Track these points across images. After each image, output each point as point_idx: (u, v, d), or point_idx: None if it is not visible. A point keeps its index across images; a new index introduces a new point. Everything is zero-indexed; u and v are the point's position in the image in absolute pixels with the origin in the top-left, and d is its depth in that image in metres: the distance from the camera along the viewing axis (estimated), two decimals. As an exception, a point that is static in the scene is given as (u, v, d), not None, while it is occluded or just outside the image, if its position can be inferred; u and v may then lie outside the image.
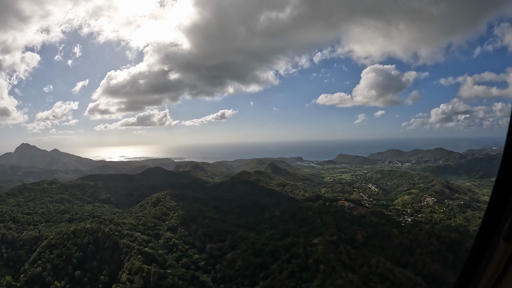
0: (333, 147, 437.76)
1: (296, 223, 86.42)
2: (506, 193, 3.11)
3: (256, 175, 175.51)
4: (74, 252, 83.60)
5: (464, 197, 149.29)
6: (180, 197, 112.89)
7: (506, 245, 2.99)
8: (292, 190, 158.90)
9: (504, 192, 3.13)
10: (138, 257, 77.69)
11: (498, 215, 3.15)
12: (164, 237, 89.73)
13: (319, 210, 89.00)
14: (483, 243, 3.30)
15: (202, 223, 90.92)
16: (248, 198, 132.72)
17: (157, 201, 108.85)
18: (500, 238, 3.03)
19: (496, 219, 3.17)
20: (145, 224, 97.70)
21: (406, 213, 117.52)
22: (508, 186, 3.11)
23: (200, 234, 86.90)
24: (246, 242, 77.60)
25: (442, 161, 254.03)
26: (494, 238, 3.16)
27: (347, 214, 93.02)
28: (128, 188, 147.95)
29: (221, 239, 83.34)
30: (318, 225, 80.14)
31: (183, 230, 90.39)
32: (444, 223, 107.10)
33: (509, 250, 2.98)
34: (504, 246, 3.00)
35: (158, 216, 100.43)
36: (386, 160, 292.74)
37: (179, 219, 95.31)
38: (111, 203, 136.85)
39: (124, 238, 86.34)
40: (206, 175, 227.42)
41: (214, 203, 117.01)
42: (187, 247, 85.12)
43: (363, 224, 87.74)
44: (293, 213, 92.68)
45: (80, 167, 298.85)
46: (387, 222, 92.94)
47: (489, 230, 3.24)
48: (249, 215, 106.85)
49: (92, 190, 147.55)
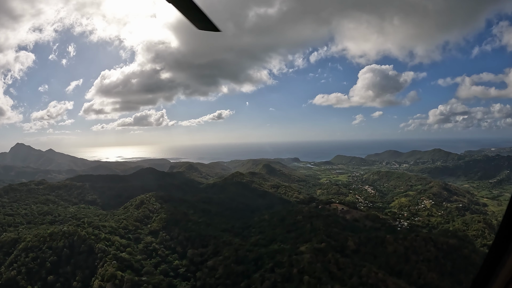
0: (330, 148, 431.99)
1: (284, 228, 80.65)
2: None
3: (249, 176, 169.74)
4: (49, 256, 79.81)
5: (463, 199, 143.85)
6: (166, 199, 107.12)
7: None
8: (286, 192, 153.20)
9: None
10: (112, 263, 72.76)
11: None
12: (144, 241, 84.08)
13: (310, 214, 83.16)
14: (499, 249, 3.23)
15: (185, 227, 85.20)
16: (239, 200, 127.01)
17: (141, 203, 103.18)
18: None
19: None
20: (126, 227, 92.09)
21: (403, 216, 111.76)
22: None
23: (182, 238, 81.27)
24: (229, 248, 71.89)
25: (440, 162, 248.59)
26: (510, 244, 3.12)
27: (340, 218, 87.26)
28: (116, 189, 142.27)
29: (204, 244, 77.69)
30: (307, 230, 74.40)
31: (165, 234, 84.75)
32: (442, 227, 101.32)
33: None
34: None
35: (140, 219, 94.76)
36: (383, 161, 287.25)
37: (161, 222, 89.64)
38: (97, 205, 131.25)
39: (101, 242, 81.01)
40: (200, 176, 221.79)
41: (202, 206, 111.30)
42: (167, 252, 79.61)
43: (356, 229, 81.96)
44: (283, 217, 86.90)
45: (74, 167, 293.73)
46: (382, 227, 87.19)
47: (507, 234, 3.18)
48: (238, 218, 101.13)
49: (79, 191, 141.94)
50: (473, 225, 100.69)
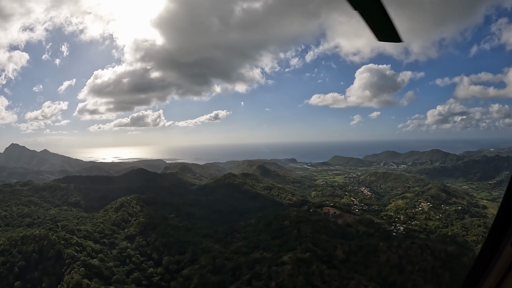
0: (328, 149, 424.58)
1: (270, 234, 73.90)
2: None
3: (242, 177, 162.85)
4: (18, 260, 74.25)
5: (462, 201, 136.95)
6: (148, 201, 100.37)
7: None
8: (279, 193, 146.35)
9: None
10: (80, 269, 66.86)
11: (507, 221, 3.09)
12: (119, 247, 77.65)
13: (298, 219, 76.35)
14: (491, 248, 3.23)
15: (163, 232, 78.53)
16: (228, 203, 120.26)
17: (121, 206, 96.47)
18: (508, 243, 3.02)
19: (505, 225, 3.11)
20: (102, 231, 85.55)
21: (399, 220, 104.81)
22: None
23: (159, 244, 74.68)
24: (207, 256, 65.16)
25: (438, 163, 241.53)
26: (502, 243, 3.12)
27: (331, 223, 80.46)
28: (101, 191, 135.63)
29: (182, 251, 71.21)
30: (293, 237, 67.70)
31: (141, 240, 78.23)
32: (440, 231, 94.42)
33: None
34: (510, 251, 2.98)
35: (118, 222, 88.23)
36: (381, 162, 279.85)
37: (139, 226, 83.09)
38: (80, 207, 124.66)
39: (71, 247, 74.64)
40: (194, 177, 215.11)
41: (188, 209, 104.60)
42: (142, 259, 73.17)
43: (348, 235, 75.17)
44: (269, 221, 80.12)
45: (68, 168, 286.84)
46: (376, 232, 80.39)
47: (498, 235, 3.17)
48: (224, 222, 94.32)
49: (63, 193, 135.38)
50: (473, 230, 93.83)
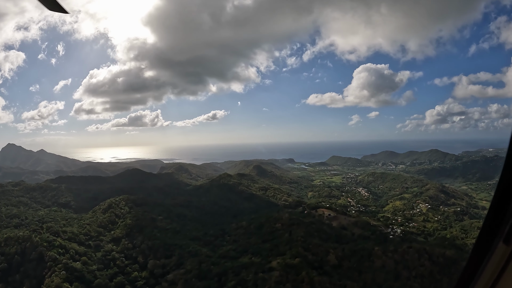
0: (326, 149, 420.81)
1: (261, 237, 70.42)
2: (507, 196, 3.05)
3: (237, 178, 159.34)
4: (0, 262, 71.32)
5: (461, 202, 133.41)
6: (137, 202, 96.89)
7: (505, 248, 2.99)
8: (274, 194, 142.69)
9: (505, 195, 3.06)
10: (61, 273, 63.50)
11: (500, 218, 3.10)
12: (104, 249, 74.27)
13: (290, 221, 72.88)
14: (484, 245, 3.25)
15: (150, 234, 75.09)
16: (221, 204, 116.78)
17: (109, 207, 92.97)
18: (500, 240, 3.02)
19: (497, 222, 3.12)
20: (88, 233, 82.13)
21: (396, 222, 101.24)
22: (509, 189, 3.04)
23: (145, 247, 71.22)
24: (193, 260, 61.69)
25: (437, 163, 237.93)
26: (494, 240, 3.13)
27: (325, 225, 76.95)
28: (93, 191, 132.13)
29: (168, 255, 67.73)
30: (284, 241, 64.22)
31: (127, 242, 74.84)
32: (439, 234, 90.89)
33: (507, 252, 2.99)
34: (503, 249, 3.00)
35: (105, 224, 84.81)
36: (379, 162, 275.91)
37: (125, 228, 79.61)
38: (70, 208, 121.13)
39: (54, 249, 71.37)
40: (189, 177, 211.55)
41: (179, 210, 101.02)
42: (127, 262, 69.88)
43: (342, 238, 71.66)
44: (261, 224, 76.62)
45: (64, 168, 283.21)
46: (372, 235, 76.93)
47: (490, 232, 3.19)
48: (215, 224, 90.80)
49: (53, 193, 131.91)
50: (472, 232, 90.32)
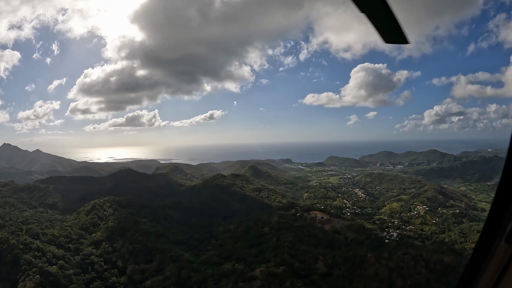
0: (325, 149, 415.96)
1: (247, 241, 66.08)
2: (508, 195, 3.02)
3: (231, 178, 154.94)
4: None
5: (460, 204, 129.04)
6: (123, 204, 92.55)
7: (507, 246, 2.94)
8: (268, 195, 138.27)
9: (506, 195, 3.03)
10: (36, 277, 59.38)
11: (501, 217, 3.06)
12: (84, 253, 69.91)
13: (279, 225, 68.54)
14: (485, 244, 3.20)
15: (132, 237, 70.76)
16: (212, 205, 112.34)
17: (92, 208, 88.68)
18: (502, 239, 2.98)
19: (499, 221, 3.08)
20: (69, 235, 77.83)
21: (393, 225, 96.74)
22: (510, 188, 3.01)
23: (125, 251, 66.86)
24: (174, 265, 57.35)
25: (435, 163, 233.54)
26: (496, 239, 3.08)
27: (317, 229, 72.57)
28: (81, 192, 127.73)
29: (148, 259, 63.36)
30: (271, 246, 59.91)
31: (108, 246, 70.55)
32: (437, 238, 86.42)
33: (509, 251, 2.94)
34: (505, 248, 2.95)
35: (86, 226, 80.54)
36: (377, 162, 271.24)
37: (106, 231, 75.24)
38: (56, 209, 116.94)
39: (30, 252, 67.05)
40: (184, 178, 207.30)
41: (166, 212, 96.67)
42: (106, 267, 65.69)
43: (334, 243, 67.27)
44: (249, 227, 72.26)
45: (59, 168, 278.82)
46: (367, 240, 72.54)
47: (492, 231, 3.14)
48: (203, 227, 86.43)
49: (41, 194, 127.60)
50: (471, 236, 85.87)
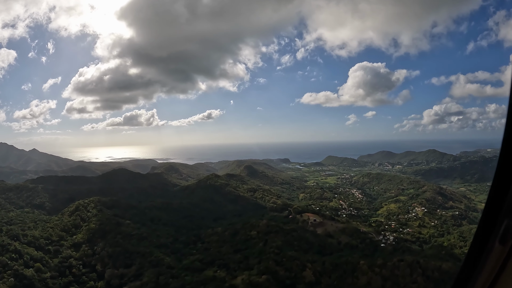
0: (323, 149, 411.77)
1: (233, 246, 62.06)
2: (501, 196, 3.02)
3: (226, 178, 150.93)
4: None
5: (459, 205, 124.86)
6: (109, 205, 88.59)
7: (501, 248, 2.95)
8: (263, 196, 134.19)
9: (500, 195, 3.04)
10: (10, 280, 55.85)
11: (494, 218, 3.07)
12: (62, 255, 66.08)
13: (268, 229, 64.44)
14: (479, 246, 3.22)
15: (112, 240, 66.83)
16: (204, 206, 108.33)
17: (76, 209, 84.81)
18: (496, 240, 2.98)
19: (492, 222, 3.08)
20: (50, 237, 73.98)
21: (390, 228, 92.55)
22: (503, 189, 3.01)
23: (105, 254, 62.83)
24: (153, 271, 53.39)
25: (435, 163, 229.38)
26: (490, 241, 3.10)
27: (308, 233, 68.48)
28: (70, 192, 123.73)
29: (128, 264, 59.35)
30: (257, 251, 55.89)
31: (88, 248, 66.59)
32: (435, 241, 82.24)
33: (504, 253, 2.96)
34: (499, 249, 2.96)
35: (68, 228, 76.64)
36: (376, 162, 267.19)
37: (88, 233, 71.33)
38: (43, 209, 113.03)
39: (7, 254, 63.28)
40: (180, 178, 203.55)
41: (154, 213, 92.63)
42: (84, 270, 62.10)
43: (326, 248, 63.16)
44: (236, 231, 68.18)
45: (55, 168, 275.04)
46: (361, 244, 68.38)
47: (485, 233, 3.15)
48: (191, 229, 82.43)
49: (29, 194, 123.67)
50: (471, 240, 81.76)
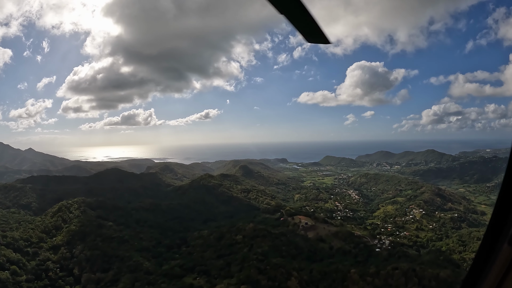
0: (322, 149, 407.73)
1: (217, 251, 58.15)
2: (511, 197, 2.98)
3: (220, 178, 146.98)
4: None
5: (458, 207, 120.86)
6: (93, 205, 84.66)
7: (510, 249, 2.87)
8: (256, 197, 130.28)
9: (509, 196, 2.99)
10: None
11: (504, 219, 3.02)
12: (40, 258, 62.33)
13: (254, 233, 60.50)
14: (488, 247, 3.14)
15: (92, 243, 62.94)
16: (194, 208, 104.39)
17: (58, 210, 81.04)
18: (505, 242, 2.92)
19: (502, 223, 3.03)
20: (29, 239, 70.24)
21: (386, 231, 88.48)
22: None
23: (83, 257, 59.00)
24: (129, 276, 49.65)
25: (433, 163, 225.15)
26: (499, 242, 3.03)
27: (298, 237, 64.56)
28: (58, 192, 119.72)
29: (106, 268, 55.51)
30: (240, 257, 51.99)
31: (66, 251, 62.87)
32: (433, 246, 78.20)
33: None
34: (508, 250, 2.88)
35: (49, 229, 72.85)
36: (374, 162, 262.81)
37: (68, 235, 67.54)
38: (30, 209, 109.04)
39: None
40: (174, 178, 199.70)
41: (141, 214, 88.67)
42: (61, 274, 58.61)
43: (316, 253, 59.19)
44: (222, 234, 64.25)
45: (50, 167, 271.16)
46: (354, 249, 64.42)
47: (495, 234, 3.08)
48: (179, 232, 78.50)
49: (16, 194, 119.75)
50: (471, 244, 77.67)
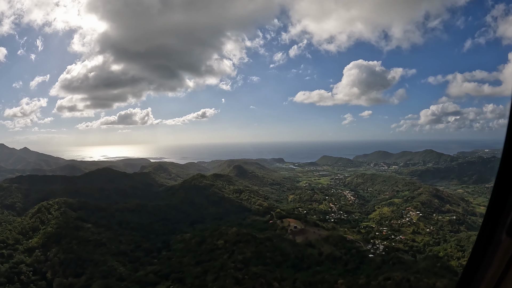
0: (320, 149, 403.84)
1: (197, 256, 53.94)
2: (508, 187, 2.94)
3: (212, 179, 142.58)
4: None
5: (457, 209, 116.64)
6: (75, 206, 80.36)
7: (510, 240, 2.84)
8: (249, 198, 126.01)
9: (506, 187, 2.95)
10: None
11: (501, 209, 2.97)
12: (14, 260, 58.33)
13: (237, 238, 56.16)
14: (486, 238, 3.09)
15: (67, 245, 58.83)
16: (182, 209, 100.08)
17: (37, 211, 76.91)
18: (503, 232, 2.88)
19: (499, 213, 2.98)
20: (5, 240, 66.34)
21: (381, 234, 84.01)
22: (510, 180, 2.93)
23: (57, 261, 54.84)
24: (102, 282, 45.48)
25: (431, 163, 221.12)
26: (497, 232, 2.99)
27: (286, 242, 60.19)
28: (44, 193, 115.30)
29: (79, 272, 51.36)
30: (219, 264, 47.72)
31: (41, 254, 58.88)
32: (430, 251, 73.88)
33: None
34: (508, 241, 2.86)
35: (26, 231, 68.72)
36: (371, 162, 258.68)
37: (43, 237, 63.50)
38: (14, 209, 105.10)
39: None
40: (168, 177, 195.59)
41: (125, 216, 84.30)
42: (34, 278, 54.87)
43: (303, 260, 54.80)
44: (204, 238, 59.97)
45: (44, 167, 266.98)
46: (346, 255, 60.06)
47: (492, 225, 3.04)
48: (162, 234, 74.25)
49: (1, 194, 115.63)
50: (470, 248, 73.69)
